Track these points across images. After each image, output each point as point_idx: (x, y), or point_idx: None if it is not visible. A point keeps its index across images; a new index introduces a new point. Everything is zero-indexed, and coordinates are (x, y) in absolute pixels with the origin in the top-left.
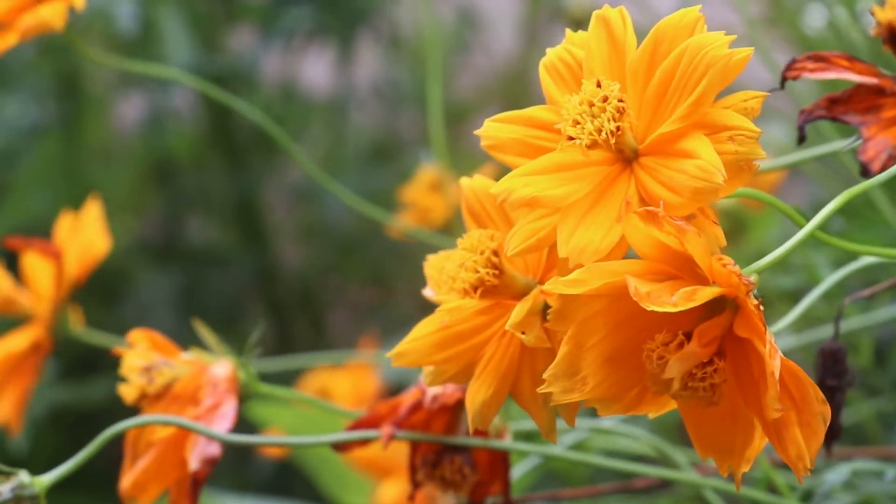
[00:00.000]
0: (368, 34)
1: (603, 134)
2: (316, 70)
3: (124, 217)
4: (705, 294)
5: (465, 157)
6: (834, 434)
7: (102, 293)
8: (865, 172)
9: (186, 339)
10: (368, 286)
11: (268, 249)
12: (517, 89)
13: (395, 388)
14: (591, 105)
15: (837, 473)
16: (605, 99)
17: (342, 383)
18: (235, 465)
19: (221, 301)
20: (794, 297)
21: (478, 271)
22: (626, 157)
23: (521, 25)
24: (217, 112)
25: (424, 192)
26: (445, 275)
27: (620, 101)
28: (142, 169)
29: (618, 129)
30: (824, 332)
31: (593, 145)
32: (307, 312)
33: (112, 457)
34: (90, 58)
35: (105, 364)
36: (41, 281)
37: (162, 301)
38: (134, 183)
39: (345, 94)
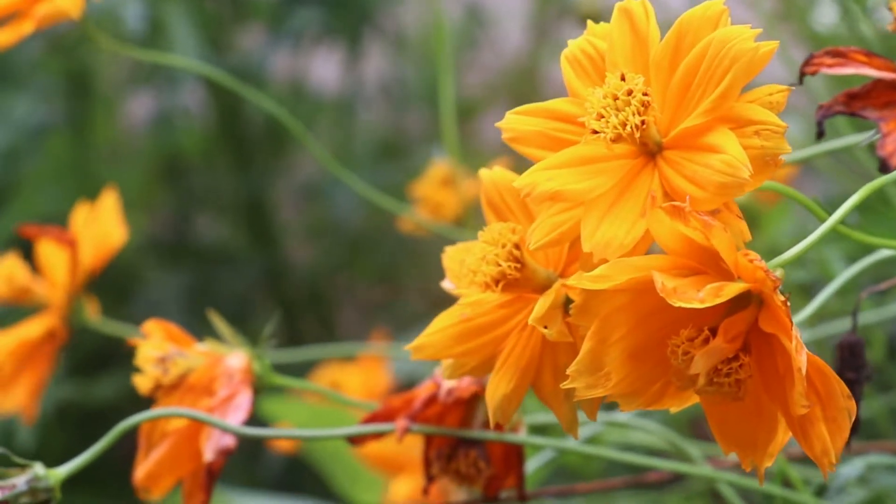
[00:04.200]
0: (376, 33)
1: (628, 128)
2: (324, 69)
3: (134, 215)
4: (732, 290)
5: (475, 154)
6: (853, 428)
7: (112, 291)
8: (885, 167)
9: (196, 338)
10: (377, 285)
11: (277, 248)
12: (526, 86)
13: (405, 385)
14: (616, 98)
15: (852, 467)
16: (630, 92)
17: (353, 378)
18: (245, 461)
19: (231, 299)
20: (807, 291)
21: (499, 265)
22: (650, 151)
23: (530, 22)
24: (226, 110)
25: (436, 187)
26: (466, 268)
27: (645, 94)
28: (151, 167)
29: (643, 122)
30: (836, 326)
31: (618, 139)
32: (316, 311)
33: (125, 454)
34: (104, 47)
35: (114, 361)
36: (56, 270)
37: (171, 299)
38: (143, 181)
39: (353, 93)
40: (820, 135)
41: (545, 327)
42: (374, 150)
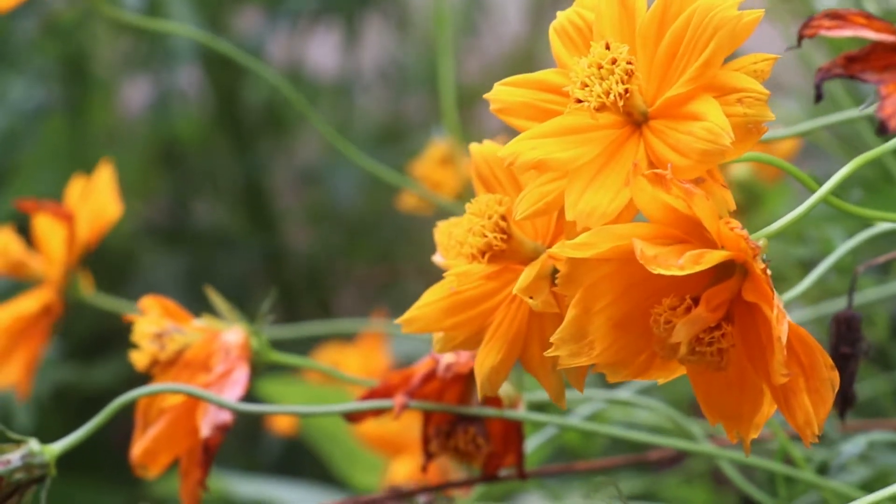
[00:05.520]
0: (375, 16)
1: (611, 96)
2: (322, 54)
3: (131, 200)
4: (712, 258)
5: (474, 139)
6: (848, 403)
7: (110, 276)
8: (883, 130)
9: None
10: (376, 269)
11: (275, 232)
12: (525, 72)
13: (404, 366)
14: (600, 67)
15: (854, 445)
16: (614, 61)
17: (352, 360)
18: (244, 445)
19: (229, 284)
20: (809, 269)
21: (486, 236)
22: (636, 121)
23: (529, 8)
24: (224, 95)
25: (435, 166)
26: (454, 240)
27: (629, 63)
28: (148, 152)
29: (626, 91)
30: (838, 304)
31: (601, 108)
32: (315, 295)
33: (121, 438)
34: (105, 15)
35: (112, 345)
36: (52, 244)
37: (169, 284)
38: (140, 166)
39: (351, 77)
40: (818, 97)
41: (531, 297)
42: (372, 135)
